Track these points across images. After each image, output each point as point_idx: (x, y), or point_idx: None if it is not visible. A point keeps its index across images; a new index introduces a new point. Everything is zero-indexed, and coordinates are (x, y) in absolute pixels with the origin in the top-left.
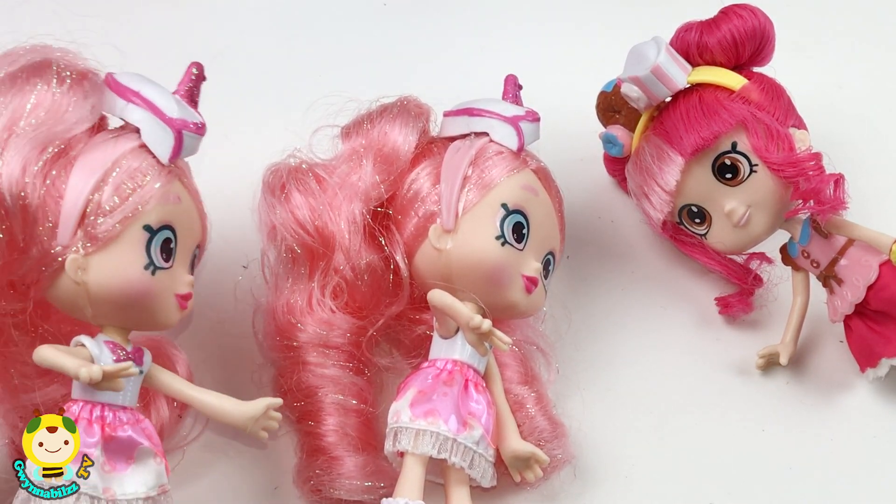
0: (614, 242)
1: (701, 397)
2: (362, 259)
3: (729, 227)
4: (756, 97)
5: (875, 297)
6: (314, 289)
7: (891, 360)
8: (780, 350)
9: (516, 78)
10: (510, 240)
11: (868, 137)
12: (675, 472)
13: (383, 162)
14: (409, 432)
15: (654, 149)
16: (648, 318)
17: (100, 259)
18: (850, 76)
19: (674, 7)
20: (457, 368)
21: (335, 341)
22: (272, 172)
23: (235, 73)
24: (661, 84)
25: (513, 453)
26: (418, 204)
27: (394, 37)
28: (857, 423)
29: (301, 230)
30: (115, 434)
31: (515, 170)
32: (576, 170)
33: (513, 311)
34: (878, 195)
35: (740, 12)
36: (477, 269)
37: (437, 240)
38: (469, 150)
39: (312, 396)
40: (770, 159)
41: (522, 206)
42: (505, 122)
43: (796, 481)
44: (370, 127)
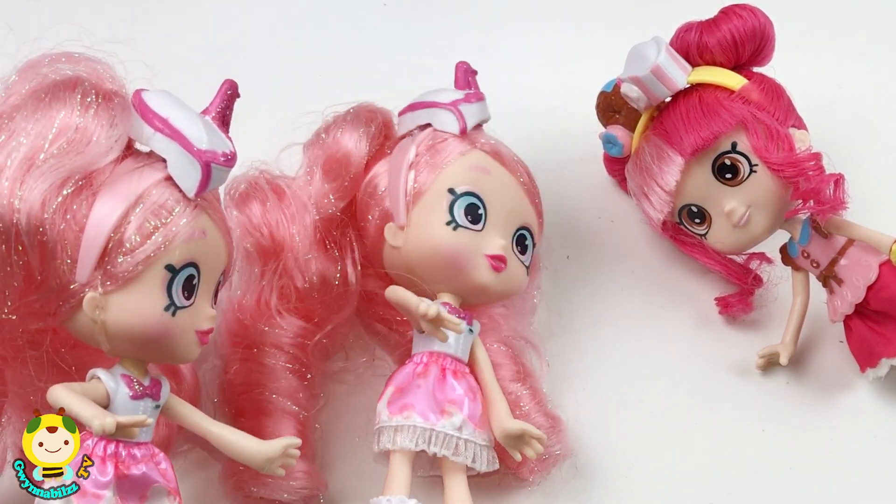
0: (614, 242)
1: (701, 397)
2: (311, 265)
3: (729, 227)
4: (756, 97)
5: (875, 297)
6: (264, 288)
7: (891, 360)
8: (780, 350)
9: (467, 64)
10: (463, 222)
11: (868, 137)
12: (676, 472)
13: (334, 169)
14: (389, 430)
15: (653, 149)
16: (648, 318)
17: (119, 299)
18: (850, 76)
19: (674, 7)
20: (432, 359)
21: (281, 342)
22: (233, 182)
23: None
24: (661, 84)
25: (504, 432)
26: (373, 205)
27: (394, 37)
28: (857, 423)
29: (254, 230)
30: (128, 472)
31: (461, 153)
32: (576, 170)
33: (488, 294)
34: (878, 195)
35: (740, 12)
36: (434, 258)
37: (393, 238)
38: (411, 144)
39: (250, 394)
40: (770, 159)
41: (473, 186)
42: (444, 108)
43: (796, 481)
44: (325, 137)
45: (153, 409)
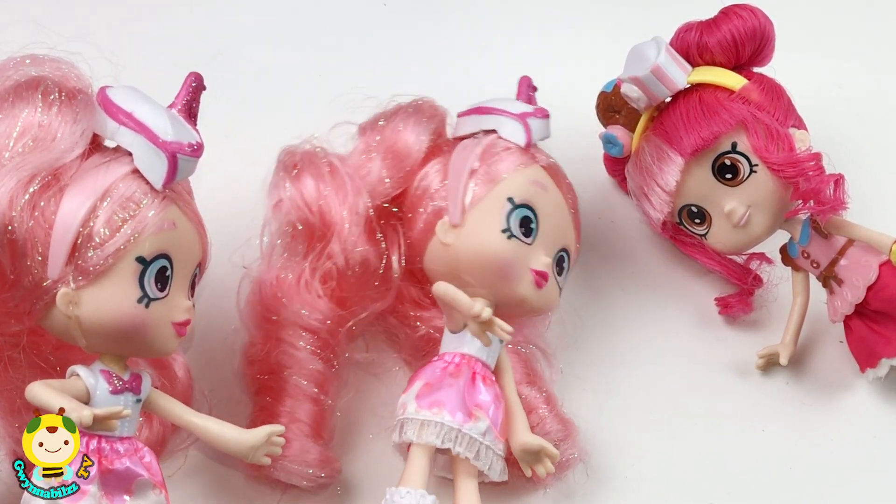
0: (614, 242)
1: (701, 397)
2: (357, 251)
3: (729, 227)
4: (756, 97)
5: (875, 298)
6: (305, 269)
7: (891, 360)
8: (779, 350)
9: (530, 80)
10: (517, 233)
11: (868, 137)
12: (675, 472)
13: (393, 159)
14: (415, 423)
15: (653, 149)
16: (648, 319)
17: (91, 293)
18: (850, 76)
19: (675, 7)
20: (464, 361)
21: (313, 325)
22: (287, 153)
23: (235, 73)
24: (660, 84)
25: (522, 447)
26: (426, 200)
27: (394, 37)
28: (857, 423)
29: (305, 208)
30: (112, 467)
31: (523, 165)
32: (576, 170)
33: (524, 307)
34: (878, 195)
35: (740, 12)
36: (483, 262)
37: (444, 235)
38: (476, 146)
39: (276, 374)
40: (770, 159)
41: (530, 200)
42: (513, 118)
43: (796, 481)
44: (384, 125)
45: (134, 404)
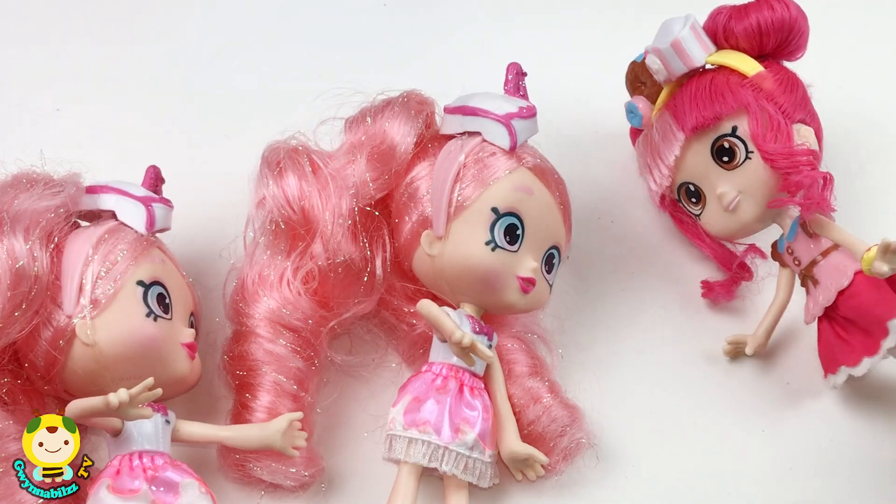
0: (614, 242)
1: (700, 397)
2: (340, 254)
3: (720, 210)
4: (768, 86)
5: (844, 304)
6: (287, 268)
7: (850, 368)
8: (749, 340)
9: (519, 66)
10: (502, 243)
11: (868, 137)
12: (675, 472)
13: (378, 160)
14: (402, 441)
15: (662, 123)
16: (648, 319)
17: (105, 318)
18: (850, 76)
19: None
20: (452, 373)
21: (293, 323)
22: (271, 149)
23: (234, 73)
24: (678, 58)
25: (511, 454)
26: (412, 207)
27: (394, 36)
28: (857, 423)
29: (288, 207)
30: (157, 474)
31: (508, 170)
32: (576, 169)
33: (512, 311)
34: (878, 195)
35: (773, 3)
36: (468, 275)
37: (429, 247)
38: (459, 153)
39: (255, 370)
40: (764, 147)
41: (515, 207)
42: (496, 121)
43: (796, 481)
44: (371, 122)
45: (165, 424)
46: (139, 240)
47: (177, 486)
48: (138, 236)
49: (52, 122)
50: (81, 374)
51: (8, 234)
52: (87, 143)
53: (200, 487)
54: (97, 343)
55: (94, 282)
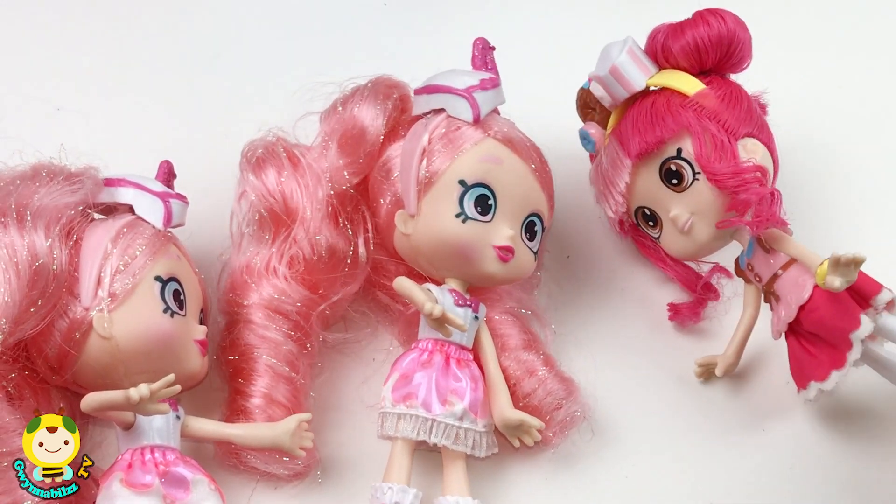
0: (614, 242)
1: (700, 397)
2: (322, 239)
3: (676, 232)
4: (710, 104)
5: (806, 318)
6: (273, 255)
7: (819, 383)
8: (718, 360)
9: (485, 41)
10: (473, 215)
11: (868, 137)
12: (675, 472)
13: (349, 145)
14: (392, 417)
15: (610, 151)
16: (647, 319)
17: (122, 312)
18: (850, 76)
19: (675, 3)
20: (437, 347)
21: (284, 308)
22: (249, 145)
23: (234, 73)
24: (618, 84)
25: (503, 421)
26: (386, 189)
27: (394, 37)
28: (856, 423)
29: (269, 196)
30: (168, 469)
31: (474, 142)
32: (575, 169)
33: (494, 281)
34: (877, 195)
35: (709, 18)
36: (443, 249)
37: (403, 226)
38: (423, 132)
39: (248, 354)
40: (709, 168)
41: (483, 177)
42: (458, 95)
43: (796, 481)
44: (342, 109)
45: (175, 420)
46: (157, 235)
47: (187, 482)
48: (156, 232)
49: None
50: (95, 367)
51: (29, 230)
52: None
53: (210, 484)
54: (114, 336)
55: (112, 275)
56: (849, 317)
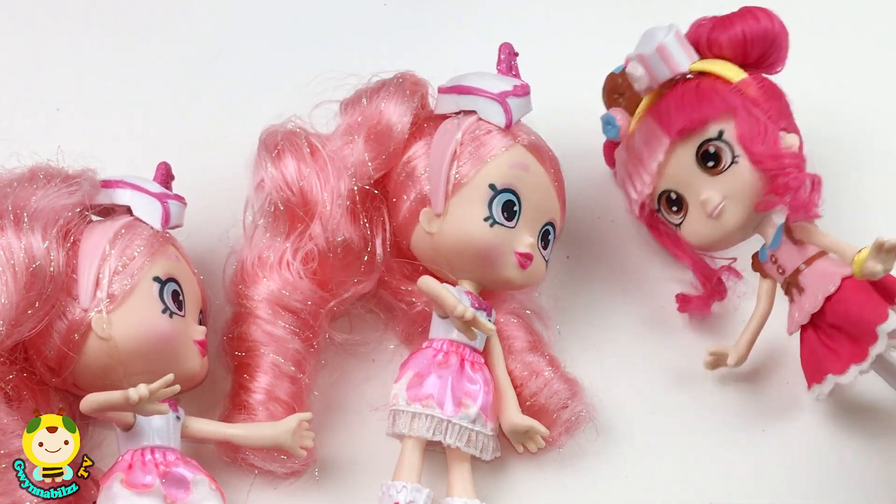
0: (614, 242)
1: (700, 397)
2: (339, 234)
3: (703, 217)
4: (753, 92)
5: (832, 310)
6: (287, 249)
7: (836, 376)
8: (730, 352)
9: (511, 46)
10: (500, 220)
11: (868, 137)
12: (675, 472)
13: (376, 140)
14: (406, 415)
15: (644, 129)
16: (647, 318)
17: (121, 313)
18: (850, 76)
19: (686, 6)
20: (452, 349)
21: (293, 305)
22: (268, 132)
23: (234, 73)
24: (663, 64)
25: (512, 427)
26: (410, 186)
27: (394, 37)
28: (856, 423)
29: (287, 188)
30: (168, 469)
31: (504, 148)
32: (576, 168)
33: (510, 287)
34: (878, 195)
35: (757, 13)
36: (467, 251)
37: (428, 224)
38: (455, 132)
39: (253, 351)
40: (752, 149)
41: (512, 184)
42: (492, 99)
43: (796, 481)
44: (367, 103)
45: (175, 420)
46: (155, 236)
47: (188, 482)
48: (154, 232)
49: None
50: (94, 369)
51: (26, 232)
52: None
53: (210, 484)
54: (112, 337)
55: (111, 277)
56: (877, 310)
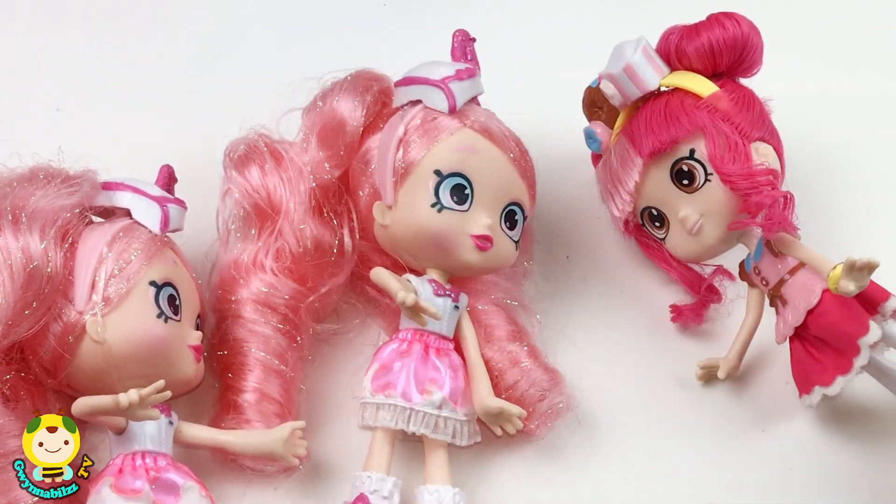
0: (614, 242)
1: (700, 397)
2: (307, 231)
3: (683, 233)
4: (724, 106)
5: (814, 323)
6: (260, 249)
7: (824, 388)
8: (721, 364)
9: (465, 32)
10: (448, 204)
11: (867, 138)
12: (675, 472)
13: (329, 137)
14: (372, 407)
15: (619, 150)
16: (648, 318)
17: (116, 316)
18: (850, 76)
19: (680, 5)
20: (416, 337)
21: (273, 302)
22: (232, 145)
23: (234, 73)
24: (631, 83)
25: (483, 409)
26: (364, 181)
27: (394, 37)
28: (856, 423)
29: (253, 193)
30: (159, 475)
31: (450, 132)
32: (575, 168)
33: (473, 271)
34: (877, 196)
35: (724, 21)
36: (419, 239)
37: (381, 217)
38: (399, 124)
39: (238, 349)
40: (722, 169)
41: (459, 167)
42: (433, 86)
43: (796, 481)
44: (322, 104)
45: (168, 426)
46: (153, 240)
47: (178, 488)
48: (152, 236)
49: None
50: (88, 371)
51: (24, 233)
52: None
53: (201, 491)
54: (107, 341)
55: (107, 280)
56: (857, 322)
